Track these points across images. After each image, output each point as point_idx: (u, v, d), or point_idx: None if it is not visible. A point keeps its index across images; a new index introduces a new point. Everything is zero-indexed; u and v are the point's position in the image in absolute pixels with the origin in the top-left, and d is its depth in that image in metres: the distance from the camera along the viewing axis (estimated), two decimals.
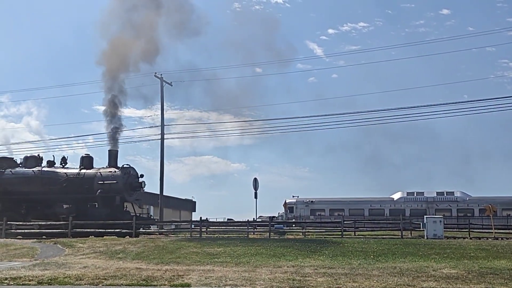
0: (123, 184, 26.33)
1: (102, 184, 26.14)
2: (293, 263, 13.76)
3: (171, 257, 15.41)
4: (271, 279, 11.21)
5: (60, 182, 26.76)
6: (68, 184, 26.67)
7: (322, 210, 38.77)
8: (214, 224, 29.53)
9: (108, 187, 26.03)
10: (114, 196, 25.89)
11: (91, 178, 26.64)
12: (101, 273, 12.33)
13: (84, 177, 26.76)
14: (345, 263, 13.73)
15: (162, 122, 35.47)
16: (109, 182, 26.17)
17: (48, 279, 11.45)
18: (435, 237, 21.45)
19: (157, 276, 11.76)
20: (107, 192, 25.91)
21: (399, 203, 37.25)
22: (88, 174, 26.91)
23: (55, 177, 27.19)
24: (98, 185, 26.21)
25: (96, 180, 26.42)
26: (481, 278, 11.24)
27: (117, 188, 26.12)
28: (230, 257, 15.18)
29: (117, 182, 26.19)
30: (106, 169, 27.06)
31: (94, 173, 26.84)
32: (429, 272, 12.01)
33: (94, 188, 26.26)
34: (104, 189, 25.98)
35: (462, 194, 37.12)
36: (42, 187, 26.88)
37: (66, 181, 26.74)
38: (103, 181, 26.27)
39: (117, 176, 26.41)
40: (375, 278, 11.26)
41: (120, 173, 26.57)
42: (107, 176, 26.48)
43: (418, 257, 15.03)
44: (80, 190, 26.41)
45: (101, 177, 26.43)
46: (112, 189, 26.03)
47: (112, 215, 25.12)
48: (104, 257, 16.10)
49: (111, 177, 26.38)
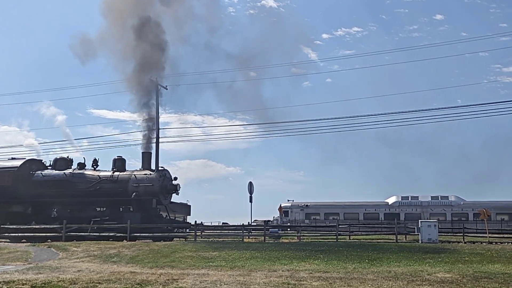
0: (159, 187, 25.55)
1: (137, 187, 25.37)
2: (288, 267, 13.74)
3: (166, 261, 15.36)
4: (266, 283, 11.19)
5: (93, 185, 26.04)
6: (101, 186, 25.94)
7: (317, 214, 38.80)
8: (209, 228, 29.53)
9: (144, 190, 25.28)
10: (151, 199, 25.29)
11: (125, 181, 25.89)
12: (95, 277, 12.27)
13: (118, 180, 26.01)
14: (340, 267, 13.73)
15: (157, 126, 35.40)
16: (144, 184, 25.39)
17: (42, 283, 11.38)
18: (429, 241, 21.50)
19: (152, 280, 11.72)
20: (142, 195, 25.18)
21: (394, 207, 37.33)
22: (122, 176, 26.16)
23: (87, 180, 26.47)
24: (132, 187, 25.45)
25: (131, 183, 25.65)
26: (475, 282, 11.26)
27: (152, 191, 25.40)
28: (225, 261, 15.15)
29: (153, 184, 25.42)
30: (141, 171, 26.25)
31: (128, 176, 26.11)
32: (423, 276, 12.02)
33: (128, 191, 25.52)
34: (139, 192, 25.20)
35: (456, 198, 37.24)
36: (74, 189, 26.19)
37: (99, 184, 26.03)
38: (138, 183, 25.49)
39: (152, 178, 25.67)
40: (370, 282, 11.26)
41: (155, 175, 25.83)
42: (142, 178, 25.72)
43: (412, 261, 15.04)
44: (113, 193, 25.71)
45: (136, 179, 25.69)
46: (147, 192, 25.32)
47: (147, 218, 24.60)
48: (98, 261, 16.03)
49: (146, 179, 25.63)
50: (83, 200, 26.10)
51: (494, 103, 31.26)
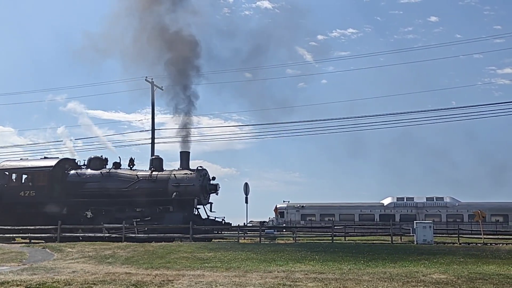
0: (200, 187, 25.18)
1: (177, 187, 24.95)
2: (284, 268, 13.74)
3: (161, 262, 15.33)
4: (262, 284, 11.19)
5: (131, 185, 25.60)
6: (139, 186, 25.46)
7: (313, 215, 38.86)
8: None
9: (184, 189, 24.87)
10: (193, 199, 24.90)
11: (164, 181, 25.44)
12: (90, 278, 12.23)
13: (157, 179, 25.53)
14: (335, 268, 13.73)
15: (153, 127, 35.45)
16: (184, 184, 25.00)
17: (37, 284, 11.34)
18: (424, 242, 21.54)
19: (147, 281, 11.69)
20: (183, 195, 24.86)
21: (389, 208, 37.43)
22: (162, 176, 25.68)
23: (125, 179, 25.94)
24: (172, 187, 25.03)
25: (171, 183, 25.21)
26: (470, 283, 11.29)
27: (193, 191, 24.97)
28: (221, 262, 15.13)
29: (193, 184, 25.04)
30: (180, 171, 25.77)
31: (167, 175, 25.64)
32: (419, 277, 12.04)
33: (168, 190, 25.11)
34: (179, 192, 24.83)
35: (451, 199, 37.37)
36: (111, 189, 25.72)
37: (137, 183, 25.58)
38: (178, 183, 25.05)
39: (193, 178, 25.24)
40: (365, 283, 11.27)
41: (196, 175, 25.40)
42: (182, 178, 25.28)
43: (408, 262, 15.07)
44: (152, 193, 25.21)
45: (176, 179, 25.26)
46: (187, 192, 24.88)
47: (188, 219, 24.23)
48: (94, 261, 15.97)
49: (186, 179, 25.21)
50: (121, 200, 25.55)
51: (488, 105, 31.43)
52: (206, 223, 24.92)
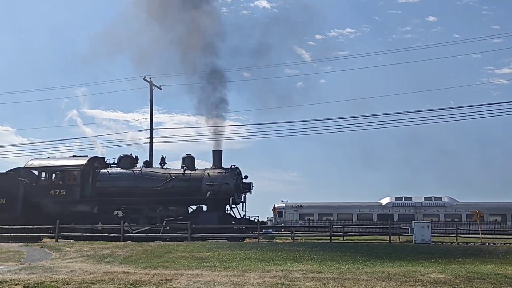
0: (234, 186, 24.80)
1: (211, 186, 24.61)
2: (282, 268, 13.74)
3: (159, 261, 15.32)
4: (260, 283, 11.20)
5: (164, 183, 25.18)
6: (172, 185, 25.09)
7: (311, 214, 38.90)
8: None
9: (218, 189, 24.51)
10: (228, 198, 24.57)
11: (198, 179, 25.02)
12: (89, 277, 12.23)
13: (190, 178, 25.08)
14: (333, 268, 13.74)
15: (151, 126, 35.44)
16: (219, 183, 24.65)
17: (35, 283, 11.34)
18: (423, 242, 21.57)
19: (145, 280, 11.69)
20: (217, 194, 24.49)
21: (387, 208, 37.49)
22: (195, 175, 25.24)
23: (157, 178, 25.48)
24: (206, 186, 24.65)
25: (204, 182, 24.82)
26: (468, 282, 11.31)
27: (228, 190, 24.61)
28: (219, 261, 15.13)
29: (228, 183, 24.70)
30: (213, 170, 25.38)
31: (201, 174, 25.19)
32: (417, 276, 12.06)
33: (202, 189, 24.72)
34: (213, 191, 24.48)
35: (449, 199, 37.45)
36: (144, 188, 25.32)
37: (170, 182, 25.15)
38: (212, 182, 24.70)
39: (227, 177, 24.91)
40: (364, 282, 11.29)
41: (230, 174, 25.06)
42: (216, 177, 24.92)
43: (406, 261, 15.08)
44: (186, 192, 24.91)
45: (209, 178, 24.88)
46: (222, 191, 24.53)
47: (224, 218, 24.17)
48: (92, 261, 15.97)
49: (220, 178, 24.87)
50: (153, 199, 25.24)
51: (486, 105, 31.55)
52: (242, 222, 24.53)
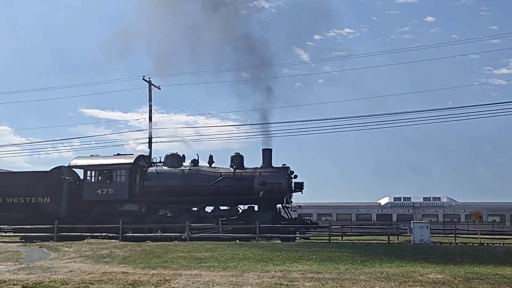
0: (287, 185, 24.39)
1: (263, 185, 24.12)
2: (281, 268, 13.75)
3: (158, 262, 15.32)
4: (259, 283, 11.20)
5: (215, 182, 24.68)
6: (224, 184, 24.66)
7: (310, 214, 38.85)
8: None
9: (271, 188, 24.02)
10: (282, 198, 24.26)
11: (249, 178, 24.52)
12: (87, 277, 12.22)
13: (241, 177, 24.63)
14: (332, 268, 13.75)
15: (150, 126, 35.40)
16: (271, 183, 24.16)
17: (33, 283, 11.33)
18: (421, 242, 21.59)
19: (144, 280, 11.69)
20: (270, 194, 24.03)
21: (386, 208, 37.50)
22: (246, 174, 24.76)
23: (207, 177, 24.96)
24: (259, 186, 24.17)
25: (256, 181, 24.34)
26: (467, 283, 11.32)
27: (280, 190, 24.14)
28: (218, 261, 15.13)
29: (281, 183, 24.23)
30: (265, 169, 24.87)
31: (252, 173, 24.70)
32: (415, 277, 12.06)
33: (254, 189, 24.25)
34: (266, 190, 24.02)
35: (448, 199, 37.47)
36: (194, 187, 24.83)
37: (221, 181, 24.67)
38: (264, 181, 24.20)
39: (279, 176, 24.41)
40: (362, 283, 11.29)
41: (282, 173, 24.54)
42: (268, 176, 24.44)
43: (405, 262, 15.09)
44: (237, 191, 24.44)
45: (261, 177, 24.39)
46: (274, 191, 24.05)
47: (277, 218, 23.90)
48: (90, 261, 15.96)
49: (272, 177, 24.39)
50: (204, 198, 24.92)
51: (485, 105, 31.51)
52: (296, 222, 24.30)
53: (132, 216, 24.90)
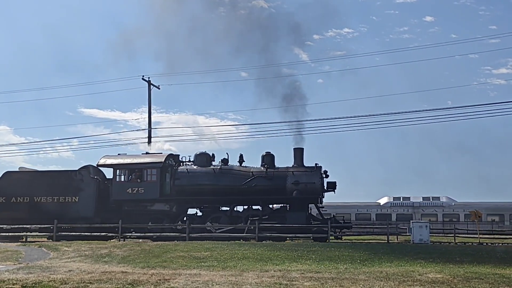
0: (320, 185, 23.99)
1: (296, 185, 23.72)
2: (280, 267, 13.76)
3: (157, 261, 15.32)
4: (258, 283, 11.20)
5: (247, 182, 24.20)
6: (256, 183, 24.16)
7: None
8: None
9: (304, 188, 23.64)
10: (316, 198, 24.01)
11: (282, 178, 24.10)
12: (87, 277, 12.22)
13: (274, 177, 24.19)
14: (331, 268, 13.76)
15: (150, 126, 35.40)
16: (304, 182, 23.74)
17: (33, 283, 11.33)
18: (421, 241, 21.57)
19: (143, 280, 11.69)
20: (303, 194, 23.65)
21: (386, 208, 37.46)
22: (279, 173, 24.30)
23: (239, 176, 24.53)
24: (292, 185, 23.77)
25: (289, 180, 23.93)
26: (466, 282, 11.33)
27: (314, 189, 23.76)
28: (217, 261, 15.14)
29: (314, 182, 23.83)
30: (297, 168, 24.43)
31: (284, 173, 24.28)
32: (415, 276, 12.08)
33: (286, 188, 23.89)
34: (299, 190, 23.66)
35: (448, 199, 37.45)
36: (226, 186, 24.41)
37: (253, 180, 24.19)
38: (297, 181, 23.80)
39: (313, 176, 23.97)
40: (362, 282, 11.30)
41: (316, 172, 24.07)
42: (301, 175, 24.01)
43: (404, 261, 15.10)
44: (269, 191, 24.04)
45: (294, 176, 23.96)
46: (307, 190, 23.67)
47: (310, 218, 23.69)
48: (90, 260, 15.96)
49: (306, 176, 23.96)
50: (236, 198, 24.55)
51: (484, 105, 31.53)
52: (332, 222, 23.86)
53: (163, 216, 24.51)
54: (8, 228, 24.08)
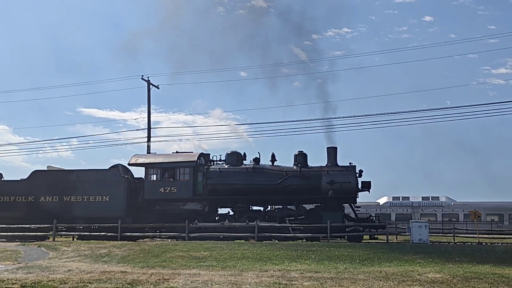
0: (356, 184, 23.79)
1: (332, 184, 23.53)
2: (280, 267, 13.75)
3: (157, 261, 15.32)
4: (257, 283, 11.20)
5: (281, 181, 23.93)
6: (290, 183, 23.93)
7: None
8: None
9: (339, 187, 23.48)
10: (353, 198, 23.89)
11: (317, 177, 23.85)
12: (86, 276, 12.22)
13: (308, 176, 23.96)
14: (331, 267, 13.76)
15: (149, 125, 35.39)
16: (340, 182, 23.58)
17: (32, 283, 11.33)
18: (420, 241, 21.57)
19: (143, 279, 11.68)
20: (338, 193, 23.47)
21: (385, 208, 37.48)
22: (313, 172, 24.05)
23: (274, 175, 24.24)
24: (327, 185, 23.57)
25: (324, 180, 23.69)
26: (465, 282, 11.34)
27: (349, 189, 23.61)
28: (216, 260, 15.14)
29: (350, 182, 23.64)
30: (331, 167, 24.18)
31: (319, 172, 24.03)
32: (414, 276, 12.08)
33: (321, 188, 23.66)
34: (335, 189, 23.46)
35: (447, 199, 37.48)
36: (260, 186, 24.14)
37: (288, 180, 23.94)
38: (332, 181, 23.60)
39: (348, 175, 23.79)
40: (361, 282, 11.30)
41: (351, 172, 23.87)
42: (336, 175, 23.78)
43: (403, 261, 15.11)
44: (303, 190, 23.80)
45: (329, 176, 23.73)
46: (343, 190, 23.51)
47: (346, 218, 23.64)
48: (89, 260, 15.95)
49: (341, 176, 23.77)
50: (270, 197, 24.30)
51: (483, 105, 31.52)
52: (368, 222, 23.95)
53: (195, 216, 24.24)
54: (35, 227, 23.84)
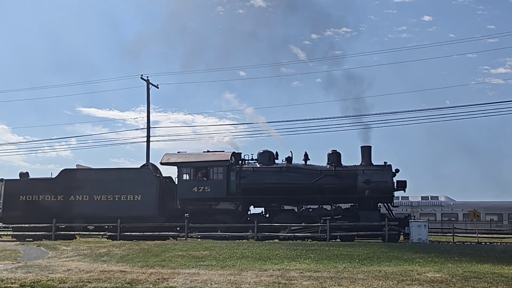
0: (392, 184, 23.45)
1: (368, 184, 23.27)
2: (279, 267, 13.75)
3: (156, 260, 15.32)
4: (257, 282, 11.20)
5: (316, 180, 23.61)
6: (325, 182, 23.67)
7: None
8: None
9: (376, 186, 23.19)
10: (389, 197, 23.62)
11: (352, 176, 23.64)
12: (85, 276, 12.22)
13: (344, 175, 23.74)
14: (330, 267, 13.76)
15: (148, 125, 35.39)
16: (376, 181, 23.28)
17: (31, 282, 11.32)
18: (419, 241, 21.58)
19: (142, 279, 11.68)
20: (375, 193, 23.20)
21: None
22: (348, 172, 23.85)
23: (308, 174, 23.92)
24: (363, 184, 23.31)
25: (360, 179, 23.44)
26: (465, 282, 11.34)
27: (386, 188, 23.29)
28: (216, 260, 15.13)
29: (386, 181, 23.32)
30: (367, 167, 23.90)
31: (354, 171, 23.80)
32: (413, 276, 12.08)
33: (357, 187, 23.42)
34: (371, 189, 23.20)
35: (446, 198, 37.51)
36: (295, 185, 23.89)
37: (323, 179, 23.66)
38: (369, 180, 23.33)
39: (385, 174, 23.46)
40: (360, 281, 11.30)
41: (387, 171, 23.55)
42: (372, 174, 23.50)
43: (402, 261, 15.12)
44: (339, 189, 23.57)
45: (365, 175, 23.44)
46: (379, 189, 23.20)
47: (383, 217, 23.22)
48: (88, 260, 15.94)
49: (377, 175, 23.47)
50: (305, 197, 24.06)
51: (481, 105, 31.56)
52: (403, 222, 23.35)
53: (228, 215, 24.06)
54: (63, 226, 23.73)
